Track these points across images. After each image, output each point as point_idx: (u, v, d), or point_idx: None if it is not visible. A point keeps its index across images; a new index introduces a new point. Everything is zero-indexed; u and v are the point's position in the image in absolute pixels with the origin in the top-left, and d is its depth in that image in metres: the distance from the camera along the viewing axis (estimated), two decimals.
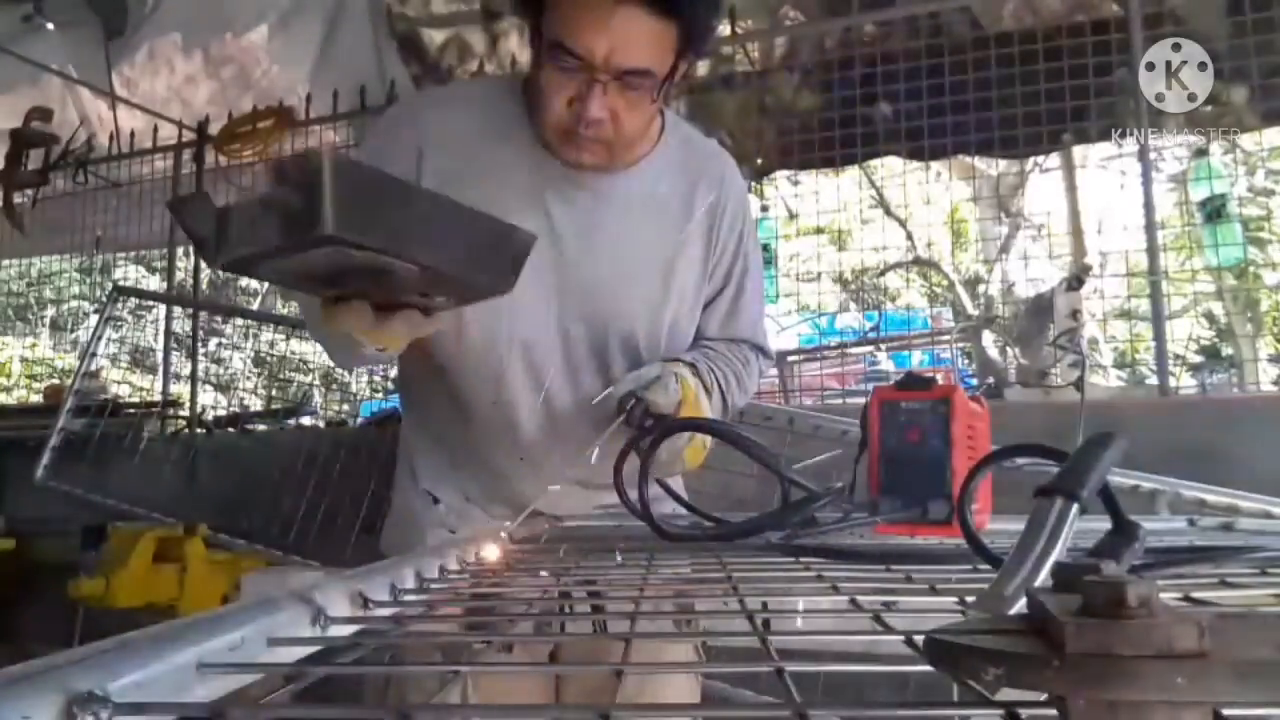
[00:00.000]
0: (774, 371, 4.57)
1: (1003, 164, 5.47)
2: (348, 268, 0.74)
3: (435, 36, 4.44)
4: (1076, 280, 3.00)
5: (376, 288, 0.82)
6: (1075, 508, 0.52)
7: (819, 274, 5.06)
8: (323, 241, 0.66)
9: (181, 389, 4.58)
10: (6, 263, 5.91)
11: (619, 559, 0.76)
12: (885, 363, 4.64)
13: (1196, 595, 0.54)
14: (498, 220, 0.81)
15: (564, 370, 1.21)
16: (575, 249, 1.18)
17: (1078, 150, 5.63)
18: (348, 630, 0.49)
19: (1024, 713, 0.31)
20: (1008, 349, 3.64)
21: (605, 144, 1.11)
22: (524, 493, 1.26)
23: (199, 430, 4.25)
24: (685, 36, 1.06)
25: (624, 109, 1.07)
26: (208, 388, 5.06)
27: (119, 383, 5.26)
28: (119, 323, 5.21)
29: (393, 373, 5.74)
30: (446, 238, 0.76)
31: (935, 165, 4.38)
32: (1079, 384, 2.47)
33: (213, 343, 6.86)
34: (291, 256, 0.71)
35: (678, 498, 1.13)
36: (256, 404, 5.03)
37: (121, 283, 5.78)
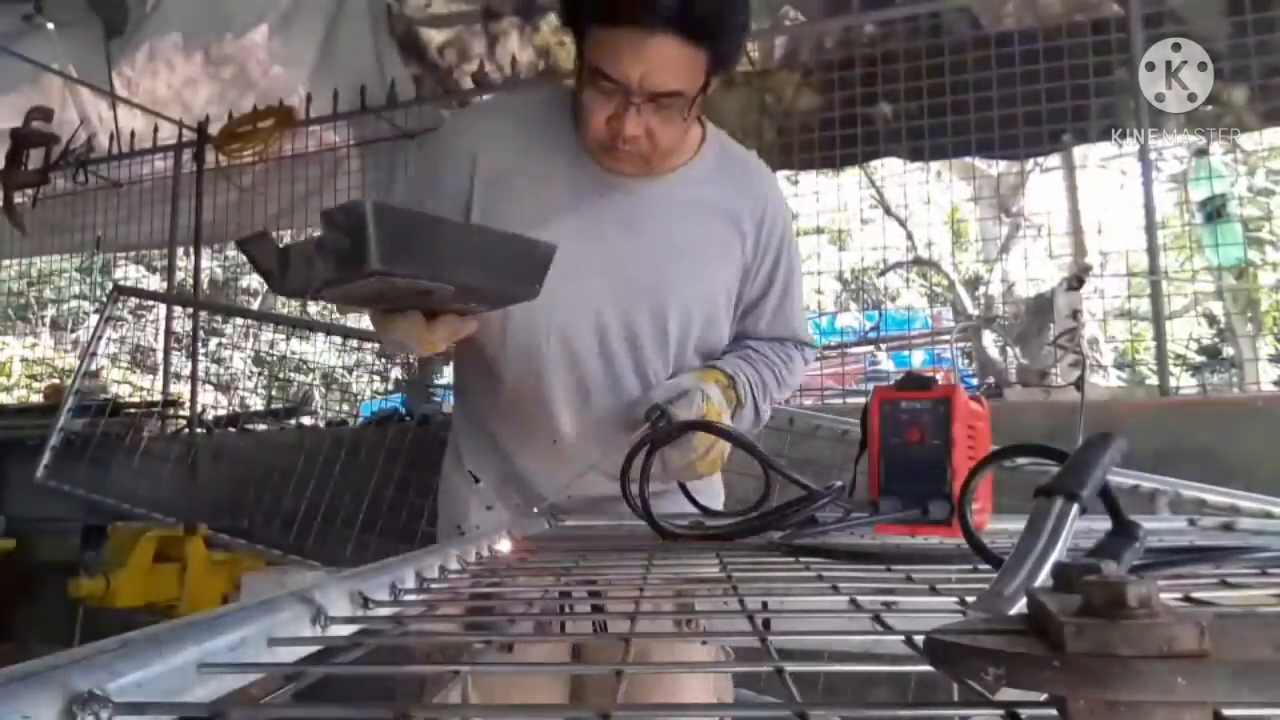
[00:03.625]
0: None
1: (1003, 164, 5.46)
2: (393, 290, 0.88)
3: (435, 36, 4.44)
4: (1076, 280, 3.00)
5: (419, 302, 0.97)
6: (1075, 508, 0.52)
7: (819, 274, 5.05)
8: (370, 274, 0.80)
9: (181, 389, 4.58)
10: (6, 263, 5.90)
11: (618, 558, 0.76)
12: (885, 362, 4.64)
13: (1197, 595, 0.54)
14: (520, 237, 0.93)
15: (599, 360, 1.28)
16: (614, 247, 1.26)
17: (1078, 150, 5.62)
18: (348, 630, 0.49)
19: (1024, 713, 0.31)
20: (1008, 349, 3.63)
21: (642, 156, 1.20)
22: (558, 476, 1.32)
23: (199, 430, 4.24)
24: (714, 59, 1.14)
25: (658, 126, 1.16)
26: (208, 387, 5.06)
27: (119, 382, 5.26)
28: (119, 322, 5.21)
29: (394, 373, 5.76)
30: (475, 259, 0.90)
31: (935, 165, 4.38)
32: (1079, 384, 2.47)
33: (213, 342, 6.86)
34: (345, 286, 0.85)
35: (691, 499, 1.18)
36: (257, 404, 5.03)
37: (122, 282, 5.78)
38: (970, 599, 0.50)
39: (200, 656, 0.38)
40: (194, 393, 4.49)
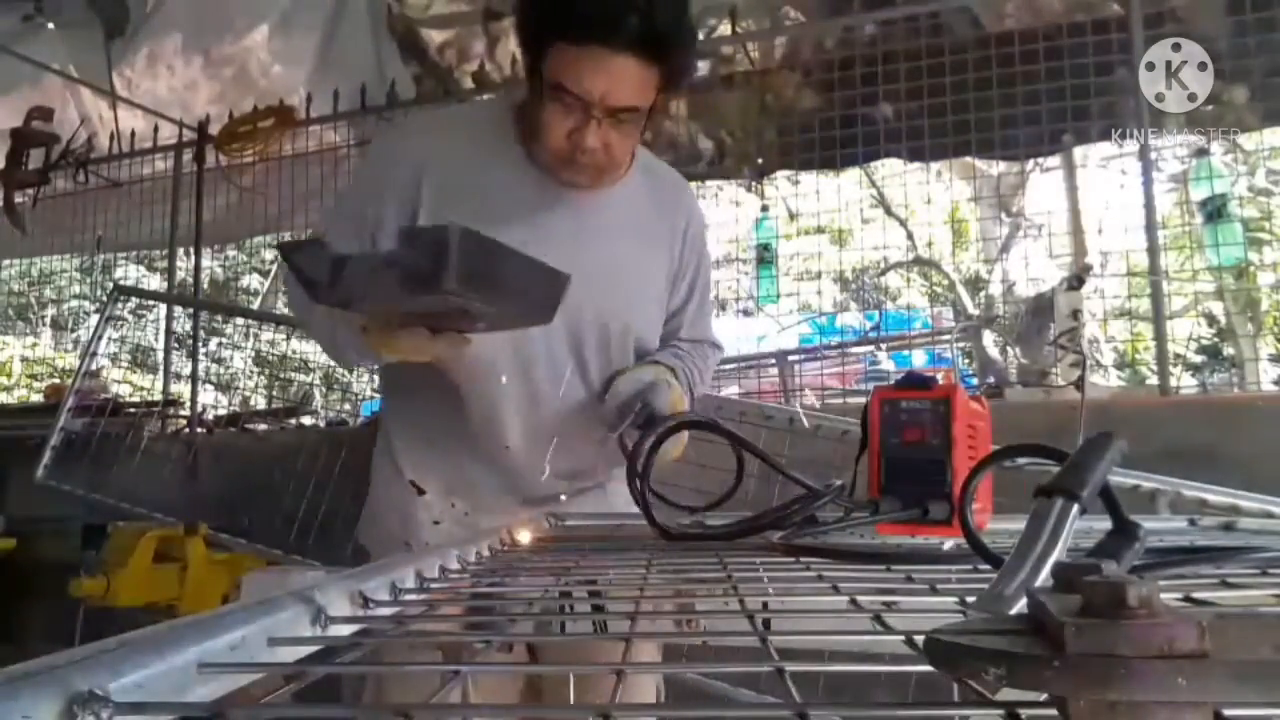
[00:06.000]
0: (774, 371, 4.58)
1: (1003, 164, 5.47)
2: (436, 308, 0.93)
3: (435, 36, 4.44)
4: (1077, 280, 3.00)
5: (445, 321, 1.01)
6: (1075, 508, 0.52)
7: (819, 273, 5.06)
8: (441, 294, 0.84)
9: (182, 388, 4.57)
10: (7, 263, 5.91)
11: (619, 559, 0.76)
12: (885, 362, 4.64)
13: (1197, 595, 0.54)
14: (545, 265, 0.97)
15: (547, 366, 1.33)
16: (559, 257, 1.29)
17: (1078, 150, 5.63)
18: (348, 630, 0.49)
19: (1024, 713, 0.31)
20: (1008, 349, 3.64)
21: (598, 168, 1.27)
22: (509, 481, 1.37)
23: (199, 430, 4.24)
24: (667, 78, 1.21)
25: (615, 140, 1.23)
26: (208, 387, 5.06)
27: (120, 382, 5.26)
28: (119, 322, 5.21)
29: None
30: (513, 284, 0.95)
31: (935, 165, 4.38)
32: (1079, 384, 2.47)
33: (213, 342, 6.86)
34: (401, 302, 0.90)
35: (656, 493, 1.19)
36: (258, 403, 5.03)
37: (122, 282, 5.78)
38: (970, 599, 0.50)
39: (200, 656, 0.38)
40: (194, 392, 4.49)
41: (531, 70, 1.23)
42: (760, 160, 4.01)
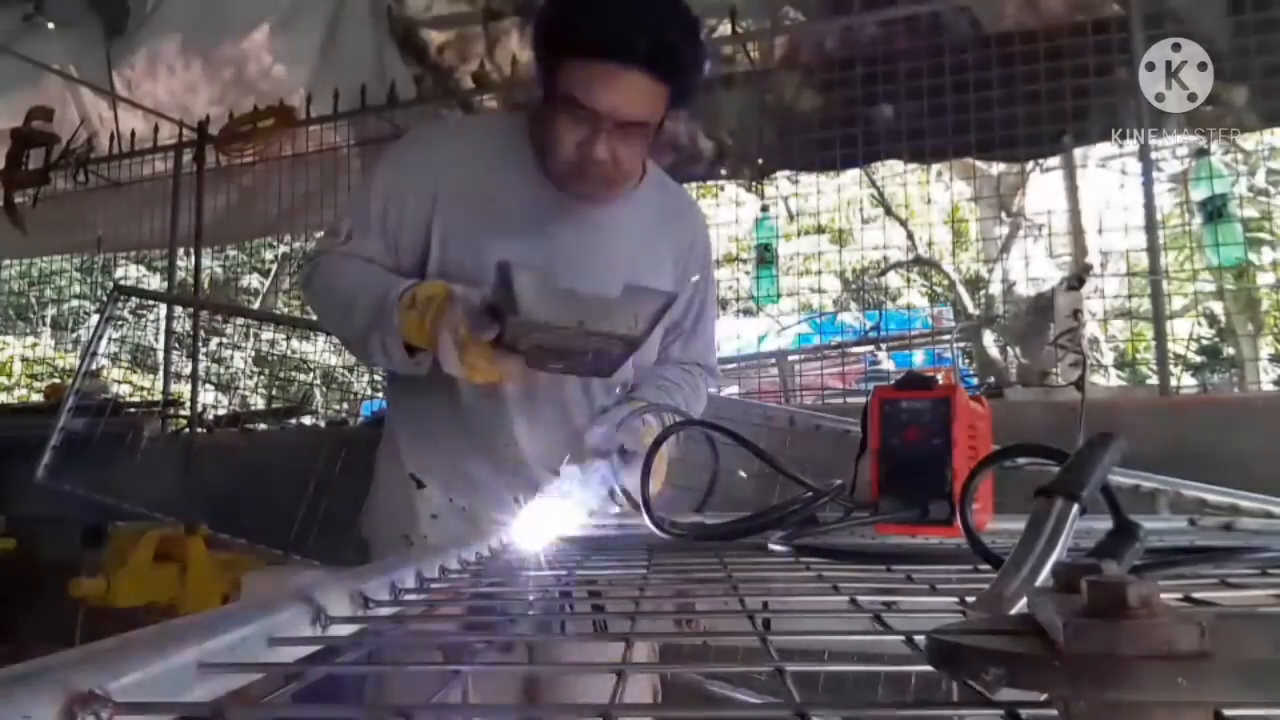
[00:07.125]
0: (774, 371, 4.58)
1: (1003, 164, 5.47)
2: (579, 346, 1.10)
3: (435, 37, 4.43)
4: (1077, 280, 3.00)
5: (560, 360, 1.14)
6: (1075, 508, 0.52)
7: (819, 273, 5.06)
8: (628, 346, 1.09)
9: (182, 388, 4.57)
10: (7, 263, 5.91)
11: (619, 559, 0.76)
12: (886, 362, 4.64)
13: (1197, 595, 0.54)
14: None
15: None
16: (567, 265, 1.34)
17: (1078, 150, 5.62)
18: (348, 630, 0.49)
19: (1024, 713, 0.31)
20: (1008, 348, 3.63)
21: (606, 179, 1.31)
22: (508, 479, 1.39)
23: (199, 430, 4.24)
24: (675, 93, 1.26)
25: (623, 152, 1.27)
26: (208, 387, 5.06)
27: (120, 382, 5.26)
28: (120, 322, 5.22)
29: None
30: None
31: (936, 165, 4.38)
32: (1079, 384, 2.46)
33: (213, 342, 6.87)
34: (576, 340, 1.08)
35: (633, 501, 1.21)
36: (257, 403, 5.04)
37: (122, 282, 5.78)
38: (970, 599, 0.50)
39: (200, 656, 0.38)
40: (194, 392, 4.49)
41: (545, 83, 1.26)
42: (760, 160, 4.00)
